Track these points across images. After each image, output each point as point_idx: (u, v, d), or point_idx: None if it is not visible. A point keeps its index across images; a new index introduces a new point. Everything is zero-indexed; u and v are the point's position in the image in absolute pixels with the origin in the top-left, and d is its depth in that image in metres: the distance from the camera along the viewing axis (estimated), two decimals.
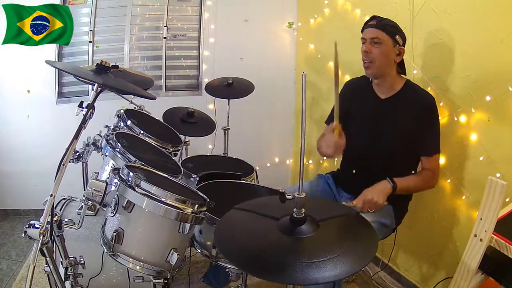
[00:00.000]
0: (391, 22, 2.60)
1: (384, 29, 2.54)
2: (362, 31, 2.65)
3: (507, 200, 2.27)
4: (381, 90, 2.70)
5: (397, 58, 2.60)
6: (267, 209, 1.71)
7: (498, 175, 2.50)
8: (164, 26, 4.65)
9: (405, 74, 2.73)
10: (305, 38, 4.78)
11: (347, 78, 3.43)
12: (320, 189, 2.91)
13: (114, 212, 2.01)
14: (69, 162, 1.98)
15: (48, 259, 1.92)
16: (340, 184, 2.92)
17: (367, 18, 2.66)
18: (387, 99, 2.67)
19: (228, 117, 4.10)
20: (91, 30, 4.38)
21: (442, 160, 2.83)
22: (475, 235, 1.88)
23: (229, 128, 4.13)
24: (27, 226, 1.81)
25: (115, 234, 1.96)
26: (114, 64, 2.36)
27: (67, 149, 1.93)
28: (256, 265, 1.46)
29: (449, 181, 2.87)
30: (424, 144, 2.59)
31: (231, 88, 3.96)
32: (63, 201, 2.55)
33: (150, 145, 2.89)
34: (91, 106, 2.04)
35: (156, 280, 2.04)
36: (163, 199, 1.95)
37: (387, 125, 2.64)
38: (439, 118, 2.60)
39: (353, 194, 2.78)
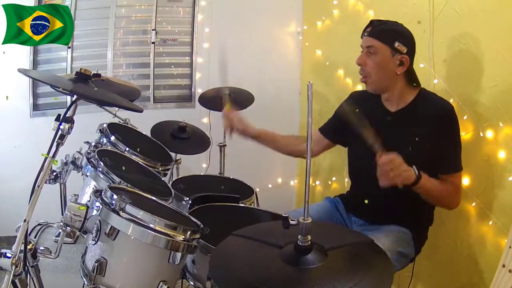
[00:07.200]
0: (392, 26, 2.56)
1: (379, 36, 2.51)
2: (361, 38, 2.65)
3: None
4: (389, 103, 2.68)
5: (399, 69, 2.53)
6: (268, 236, 1.72)
7: None
8: (153, 30, 4.69)
9: (419, 84, 2.66)
10: (311, 43, 4.82)
11: (359, 88, 3.46)
12: (328, 214, 2.92)
13: (96, 240, 2.01)
14: (45, 183, 2.00)
15: None
16: (350, 208, 2.91)
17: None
18: (398, 112, 2.64)
19: (224, 132, 4.12)
20: None
21: (466, 180, 2.84)
22: (504, 266, 1.89)
23: (225, 145, 4.15)
24: None
25: (96, 264, 1.96)
26: (95, 72, 2.38)
27: (43, 169, 1.95)
28: None
29: (474, 204, 2.86)
30: (442, 162, 2.53)
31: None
32: (38, 227, 2.56)
33: (137, 164, 2.91)
34: (69, 120, 2.05)
35: None
36: (151, 225, 1.95)
37: (399, 140, 2.57)
38: (463, 133, 2.60)
39: (365, 220, 2.78)
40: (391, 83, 2.59)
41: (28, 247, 1.99)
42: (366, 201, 2.75)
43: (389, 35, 2.51)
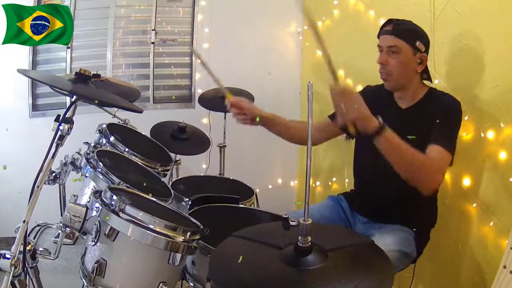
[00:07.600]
0: (411, 25, 2.58)
1: (402, 36, 2.52)
2: (378, 37, 2.65)
3: None
4: (402, 100, 2.70)
5: (418, 67, 2.57)
6: (268, 237, 1.72)
7: None
8: (152, 30, 4.69)
9: (431, 81, 2.74)
10: (311, 44, 4.81)
11: (359, 88, 3.45)
12: (331, 214, 2.91)
13: (95, 241, 2.01)
14: (44, 183, 2.00)
15: None
16: (355, 206, 2.91)
17: (382, 20, 2.66)
18: (407, 109, 2.67)
19: (224, 133, 4.12)
20: None
21: (467, 181, 2.85)
22: (505, 267, 1.89)
23: (225, 145, 4.14)
24: None
25: (96, 265, 1.96)
26: (95, 72, 2.38)
27: (42, 169, 1.94)
28: None
29: (475, 205, 2.86)
30: (431, 135, 2.42)
31: None
32: (38, 228, 2.56)
33: (136, 164, 2.91)
34: (69, 120, 2.05)
35: None
36: (150, 226, 1.95)
37: (406, 137, 2.59)
38: (464, 133, 2.59)
39: (371, 218, 2.78)
40: (410, 81, 2.62)
41: (27, 248, 1.98)
42: (371, 190, 2.77)
43: (411, 35, 2.54)
